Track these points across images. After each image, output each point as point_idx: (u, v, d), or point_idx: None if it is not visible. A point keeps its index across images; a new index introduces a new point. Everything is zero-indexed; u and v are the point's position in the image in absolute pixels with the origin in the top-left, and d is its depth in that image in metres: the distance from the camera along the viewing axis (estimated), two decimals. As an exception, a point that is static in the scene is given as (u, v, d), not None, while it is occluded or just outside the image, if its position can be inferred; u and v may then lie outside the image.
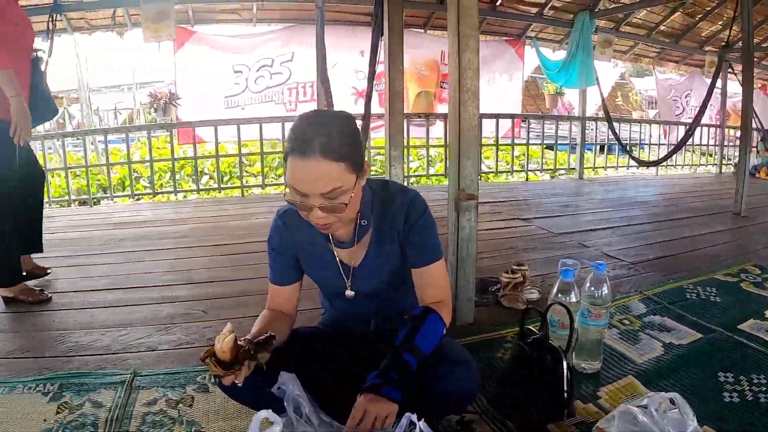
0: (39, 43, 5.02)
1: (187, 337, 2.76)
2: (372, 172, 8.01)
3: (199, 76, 7.80)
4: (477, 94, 2.47)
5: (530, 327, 2.15)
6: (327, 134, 1.47)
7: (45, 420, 2.07)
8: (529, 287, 3.23)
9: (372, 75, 4.05)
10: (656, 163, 8.41)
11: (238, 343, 1.47)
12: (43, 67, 5.84)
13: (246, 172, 7.62)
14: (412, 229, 1.74)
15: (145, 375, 2.35)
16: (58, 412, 2.11)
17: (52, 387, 2.31)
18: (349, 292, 1.86)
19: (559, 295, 2.30)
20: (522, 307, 2.95)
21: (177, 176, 7.46)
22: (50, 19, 6.45)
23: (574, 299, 2.28)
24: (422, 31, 8.10)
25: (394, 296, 1.92)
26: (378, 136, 7.63)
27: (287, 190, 1.55)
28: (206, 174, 9.37)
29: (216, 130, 6.94)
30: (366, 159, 1.64)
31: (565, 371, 1.93)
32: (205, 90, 7.84)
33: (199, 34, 7.73)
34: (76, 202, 7.39)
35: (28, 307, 3.26)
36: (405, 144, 6.39)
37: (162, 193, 7.67)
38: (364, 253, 1.80)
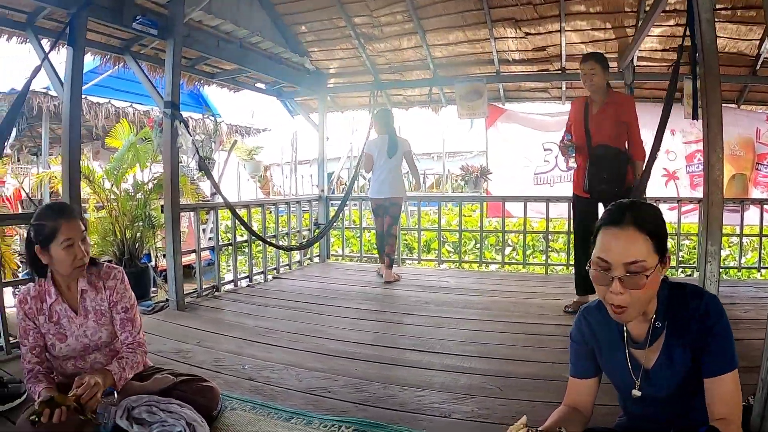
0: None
1: (481, 411, 2.75)
2: (681, 260, 7.39)
3: (509, 152, 8.04)
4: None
5: None
6: (640, 210, 1.61)
7: (336, 459, 2.24)
8: None
9: (657, 144, 4.15)
10: None
11: None
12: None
13: (550, 247, 7.55)
14: (709, 335, 1.63)
15: (437, 439, 2.37)
16: (347, 455, 2.27)
17: (347, 430, 2.53)
18: (636, 392, 1.79)
19: None
20: None
21: (480, 245, 7.67)
22: (372, 95, 7.30)
23: None
24: (735, 106, 7.25)
25: (691, 404, 1.76)
26: (687, 221, 7.01)
27: (589, 267, 1.64)
28: (509, 246, 9.48)
29: (525, 206, 6.98)
30: (668, 252, 1.64)
31: None
32: (515, 165, 8.03)
33: (510, 111, 8.01)
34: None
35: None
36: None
37: (467, 261, 7.90)
38: (656, 357, 1.74)
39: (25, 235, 2.64)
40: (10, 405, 2.92)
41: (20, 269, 6.27)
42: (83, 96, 4.99)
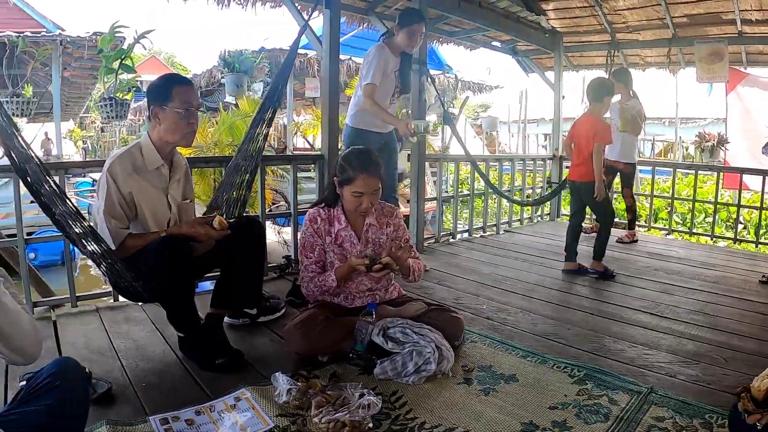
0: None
1: (705, 377, 2.91)
2: None
3: (749, 120, 7.62)
4: None
5: None
6: None
7: (566, 396, 2.63)
8: None
9: None
10: None
11: None
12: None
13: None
14: None
15: (660, 394, 2.64)
16: (578, 394, 2.65)
17: (578, 373, 2.87)
18: None
19: None
20: None
21: (710, 219, 7.45)
22: (608, 55, 7.26)
23: None
24: None
25: None
26: None
27: None
28: (741, 223, 9.05)
29: (764, 180, 6.50)
30: None
31: None
32: (755, 135, 7.60)
33: (752, 76, 7.53)
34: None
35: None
36: None
37: (696, 234, 7.71)
38: None
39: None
40: (271, 317, 3.48)
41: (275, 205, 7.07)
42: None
